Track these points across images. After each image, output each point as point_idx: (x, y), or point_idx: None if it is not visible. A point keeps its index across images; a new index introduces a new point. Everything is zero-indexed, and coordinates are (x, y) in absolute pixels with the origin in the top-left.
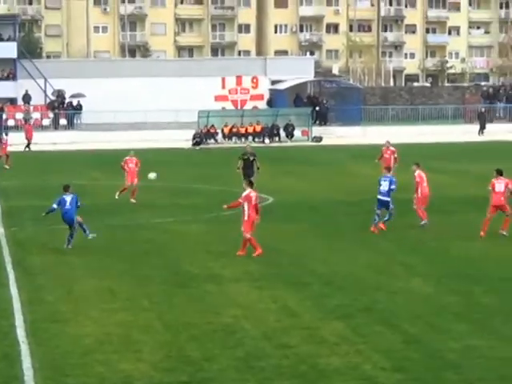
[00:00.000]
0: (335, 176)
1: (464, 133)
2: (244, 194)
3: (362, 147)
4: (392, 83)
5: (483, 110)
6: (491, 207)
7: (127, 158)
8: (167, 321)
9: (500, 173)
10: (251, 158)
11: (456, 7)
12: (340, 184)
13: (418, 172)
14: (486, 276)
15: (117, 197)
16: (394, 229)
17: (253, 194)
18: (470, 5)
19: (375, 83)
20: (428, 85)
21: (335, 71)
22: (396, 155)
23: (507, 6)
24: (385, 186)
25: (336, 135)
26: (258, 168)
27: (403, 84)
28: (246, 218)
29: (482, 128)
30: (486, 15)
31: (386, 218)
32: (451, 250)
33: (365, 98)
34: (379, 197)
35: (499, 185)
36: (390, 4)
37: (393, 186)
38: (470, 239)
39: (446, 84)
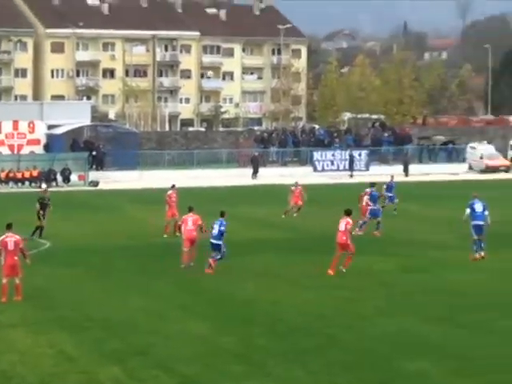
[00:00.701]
0: (113, 220)
1: (238, 176)
2: (0, 238)
3: (139, 191)
4: (168, 128)
5: (256, 154)
6: (336, 245)
7: None
8: None
9: (347, 213)
10: (48, 203)
11: (230, 53)
12: (117, 228)
13: (183, 216)
14: (262, 317)
15: None
16: (174, 271)
17: (9, 239)
18: (243, 51)
19: (151, 128)
20: (203, 129)
21: (112, 116)
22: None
23: (279, 53)
24: (216, 229)
25: (113, 179)
26: (51, 208)
27: (178, 128)
28: (2, 262)
29: (255, 172)
30: (259, 61)
31: (218, 257)
32: (230, 292)
33: (141, 142)
34: (211, 240)
35: (341, 224)
36: (166, 50)
37: (222, 228)
38: (247, 281)
39: (221, 129)
